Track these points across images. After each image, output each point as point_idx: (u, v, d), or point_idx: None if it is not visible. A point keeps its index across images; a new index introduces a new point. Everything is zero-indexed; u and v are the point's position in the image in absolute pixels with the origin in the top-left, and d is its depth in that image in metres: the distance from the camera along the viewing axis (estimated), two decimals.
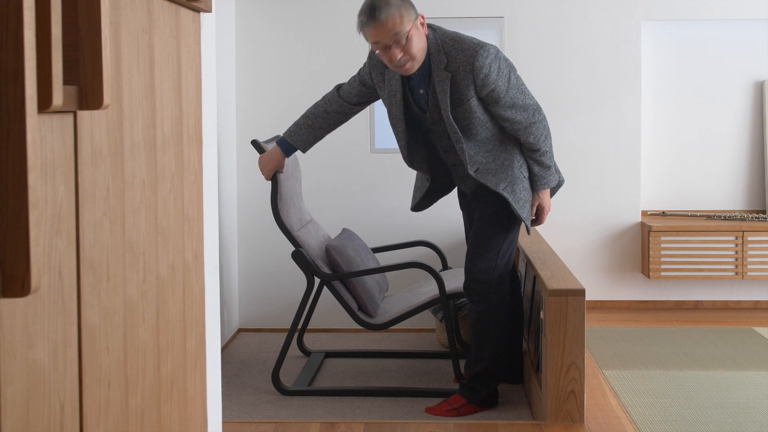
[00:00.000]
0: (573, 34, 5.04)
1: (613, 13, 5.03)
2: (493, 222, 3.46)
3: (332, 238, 4.25)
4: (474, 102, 3.24)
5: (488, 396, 3.55)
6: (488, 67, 3.18)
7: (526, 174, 3.44)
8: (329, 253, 3.86)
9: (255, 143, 3.78)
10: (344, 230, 4.26)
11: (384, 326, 3.79)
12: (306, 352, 4.37)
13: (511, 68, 3.29)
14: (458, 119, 3.28)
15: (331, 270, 3.86)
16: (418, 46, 3.18)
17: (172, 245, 1.72)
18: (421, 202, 3.73)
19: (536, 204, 3.48)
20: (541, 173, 3.44)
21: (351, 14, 4.97)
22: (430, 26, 3.29)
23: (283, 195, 3.82)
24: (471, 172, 3.36)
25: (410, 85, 3.37)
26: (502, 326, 3.51)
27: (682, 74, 5.24)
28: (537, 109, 3.33)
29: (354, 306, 3.83)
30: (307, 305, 3.89)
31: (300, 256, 3.75)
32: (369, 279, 3.94)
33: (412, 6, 3.18)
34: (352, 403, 3.67)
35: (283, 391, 3.77)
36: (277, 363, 3.80)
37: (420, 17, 3.19)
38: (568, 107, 5.06)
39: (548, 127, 3.39)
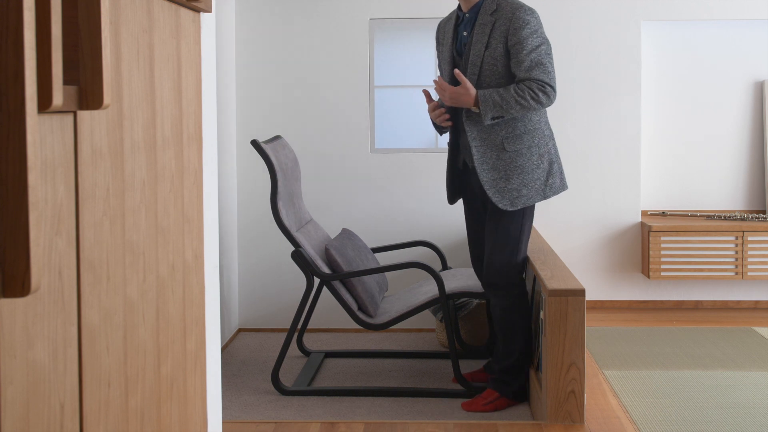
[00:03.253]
0: (573, 34, 5.04)
1: (613, 13, 5.03)
2: (506, 215, 3.48)
3: (332, 238, 4.25)
4: (500, 50, 3.39)
5: (518, 389, 3.58)
6: (525, 21, 3.35)
7: (510, 149, 3.45)
8: (329, 252, 3.86)
9: (255, 143, 3.78)
10: (344, 230, 4.26)
11: (384, 326, 3.79)
12: (306, 352, 4.37)
13: (548, 43, 3.40)
14: (482, 63, 3.42)
15: (330, 270, 3.86)
16: None
17: (172, 245, 1.72)
18: (450, 190, 3.73)
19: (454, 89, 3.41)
20: (496, 100, 3.36)
21: (351, 14, 4.97)
22: None
23: (283, 195, 3.82)
24: (464, 117, 3.47)
25: (457, 32, 3.54)
26: (527, 317, 3.56)
27: (682, 74, 5.23)
28: (546, 93, 3.38)
29: (354, 306, 3.83)
30: (306, 305, 3.90)
31: (299, 256, 3.75)
32: (369, 279, 3.94)
33: None
34: (352, 403, 3.67)
35: (283, 391, 3.77)
36: (276, 363, 3.80)
37: None
38: (568, 107, 5.06)
39: (541, 110, 3.48)
